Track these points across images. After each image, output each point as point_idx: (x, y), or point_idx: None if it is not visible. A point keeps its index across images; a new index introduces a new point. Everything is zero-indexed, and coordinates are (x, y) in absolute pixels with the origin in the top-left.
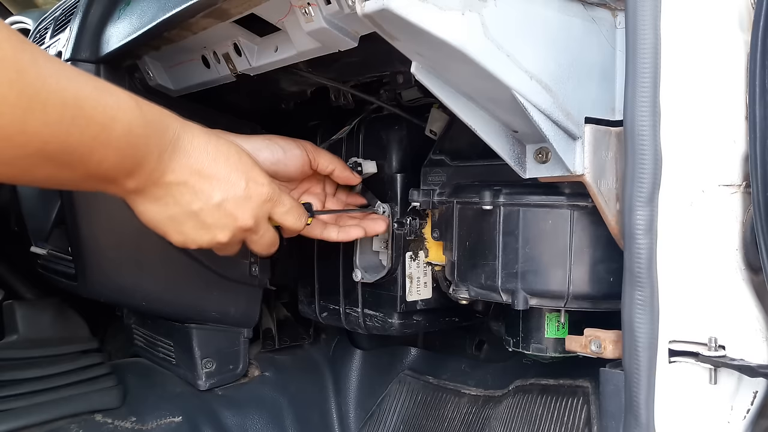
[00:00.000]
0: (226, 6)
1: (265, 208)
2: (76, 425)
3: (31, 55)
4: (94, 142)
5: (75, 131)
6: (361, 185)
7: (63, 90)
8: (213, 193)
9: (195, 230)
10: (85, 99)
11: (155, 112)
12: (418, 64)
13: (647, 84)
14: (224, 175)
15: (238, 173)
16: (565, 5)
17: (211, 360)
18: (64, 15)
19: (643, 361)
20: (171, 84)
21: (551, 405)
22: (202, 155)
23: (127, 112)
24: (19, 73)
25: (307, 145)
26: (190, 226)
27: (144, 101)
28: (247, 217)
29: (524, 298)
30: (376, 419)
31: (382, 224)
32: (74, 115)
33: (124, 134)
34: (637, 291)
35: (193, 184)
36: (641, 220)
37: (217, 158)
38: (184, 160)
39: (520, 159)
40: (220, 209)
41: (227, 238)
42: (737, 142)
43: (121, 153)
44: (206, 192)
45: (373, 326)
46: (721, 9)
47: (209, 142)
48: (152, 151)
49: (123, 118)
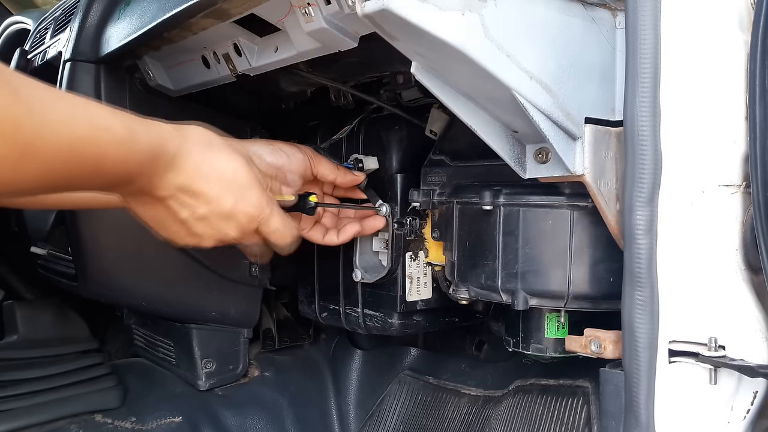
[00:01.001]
0: (226, 6)
1: (250, 226)
2: (76, 425)
3: (26, 105)
4: (85, 175)
5: (66, 170)
6: (365, 182)
7: (57, 138)
8: (198, 209)
9: (181, 235)
10: (79, 141)
11: (151, 140)
12: (418, 65)
13: (647, 84)
14: (213, 193)
15: (227, 192)
16: (565, 5)
17: (211, 360)
18: (64, 15)
19: (643, 361)
20: (171, 84)
21: (551, 405)
22: (194, 174)
23: (121, 147)
24: (15, 128)
25: (308, 151)
26: (176, 230)
27: (142, 127)
28: (231, 231)
29: (524, 298)
30: (376, 419)
31: (381, 221)
32: (67, 159)
33: (115, 166)
34: (637, 291)
35: (180, 198)
36: (641, 220)
37: (209, 177)
38: (174, 179)
39: (520, 159)
40: (204, 222)
41: (212, 245)
42: (737, 143)
43: (111, 180)
44: (192, 206)
45: (373, 326)
46: (721, 9)
47: (205, 160)
48: (143, 175)
49: (116, 154)
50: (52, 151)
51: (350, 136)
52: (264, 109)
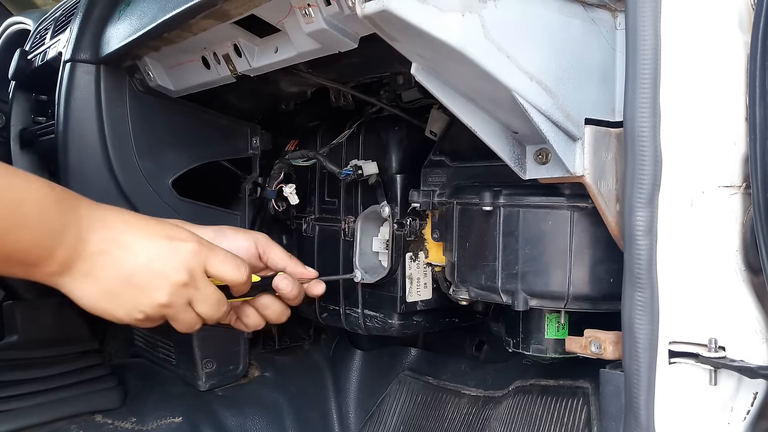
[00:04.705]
0: (226, 7)
1: (197, 261)
2: (77, 426)
3: None
4: (5, 223)
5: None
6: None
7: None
8: (138, 255)
9: (133, 297)
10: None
11: (67, 192)
12: (418, 65)
13: (647, 85)
14: (144, 237)
15: (158, 233)
16: (565, 6)
17: (211, 360)
18: (65, 15)
19: (643, 362)
20: (171, 85)
21: (551, 406)
22: (120, 224)
23: (38, 191)
24: None
25: (259, 238)
26: (126, 294)
27: (55, 184)
28: (179, 271)
29: (524, 299)
30: (376, 419)
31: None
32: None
33: (36, 213)
34: (637, 292)
35: (114, 250)
36: (641, 221)
37: (135, 224)
38: (102, 231)
39: (520, 160)
40: (148, 268)
41: (167, 297)
42: (737, 144)
43: (36, 232)
44: (131, 254)
45: (373, 327)
46: (721, 10)
47: (123, 211)
48: (69, 228)
49: (33, 197)
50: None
51: (350, 138)
52: (264, 110)
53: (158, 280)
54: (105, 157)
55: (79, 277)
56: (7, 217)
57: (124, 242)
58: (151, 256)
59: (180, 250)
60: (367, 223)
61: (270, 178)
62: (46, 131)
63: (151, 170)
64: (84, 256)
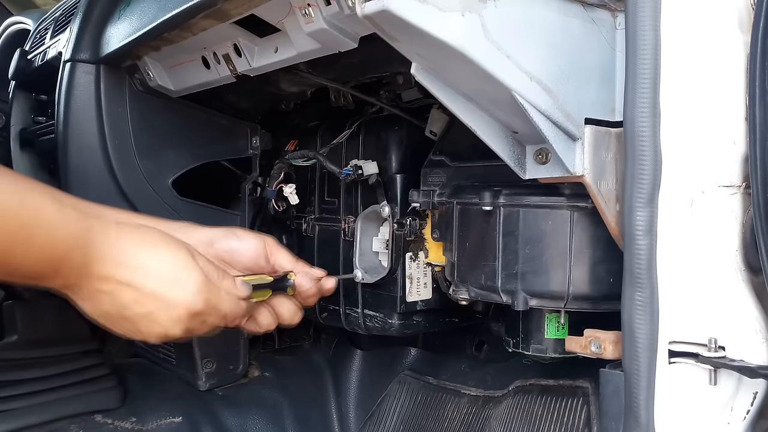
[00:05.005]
0: (226, 7)
1: (194, 322)
2: (77, 426)
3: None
4: (13, 240)
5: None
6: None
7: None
8: (146, 281)
9: (137, 328)
10: (4, 205)
11: (79, 211)
12: (418, 65)
13: (647, 85)
14: (152, 263)
15: (165, 272)
16: (565, 6)
17: (211, 360)
18: (65, 15)
19: (643, 361)
20: (171, 84)
21: (551, 405)
22: (128, 248)
23: (48, 213)
24: None
25: (268, 240)
26: (130, 326)
27: (69, 200)
28: (191, 297)
29: (524, 299)
30: (376, 419)
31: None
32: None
33: (44, 234)
34: (637, 292)
35: (115, 291)
36: (641, 220)
37: (143, 259)
38: (108, 267)
39: (520, 160)
40: (150, 319)
41: (179, 333)
42: (737, 143)
43: (43, 252)
44: (136, 304)
45: (373, 327)
46: (721, 10)
47: (135, 234)
48: (74, 250)
49: (43, 218)
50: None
51: (350, 137)
52: (264, 110)
53: (163, 324)
54: (105, 157)
55: (81, 296)
56: (16, 233)
57: (129, 267)
58: (157, 284)
59: (184, 278)
60: (367, 223)
61: (270, 178)
62: (46, 131)
63: (151, 170)
64: (85, 284)
